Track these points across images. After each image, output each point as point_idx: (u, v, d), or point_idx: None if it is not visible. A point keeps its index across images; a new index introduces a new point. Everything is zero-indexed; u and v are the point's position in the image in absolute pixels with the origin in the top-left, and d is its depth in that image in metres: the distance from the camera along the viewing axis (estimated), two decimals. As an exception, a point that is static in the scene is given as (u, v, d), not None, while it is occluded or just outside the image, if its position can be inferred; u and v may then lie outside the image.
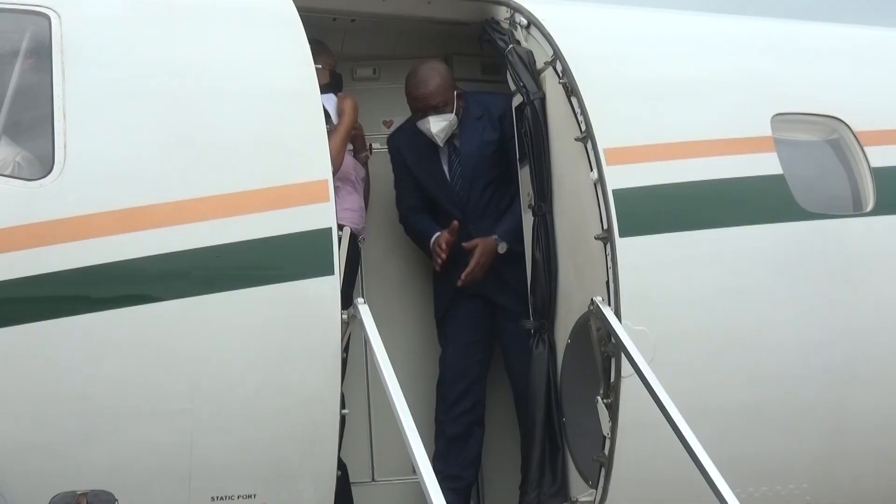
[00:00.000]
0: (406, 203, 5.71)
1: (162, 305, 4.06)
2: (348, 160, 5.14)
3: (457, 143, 5.52)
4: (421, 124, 5.41)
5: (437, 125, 5.38)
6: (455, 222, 5.31)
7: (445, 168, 5.56)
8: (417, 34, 5.43)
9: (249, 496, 4.16)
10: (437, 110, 5.37)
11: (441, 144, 5.47)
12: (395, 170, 5.72)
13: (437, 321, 5.66)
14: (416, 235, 5.68)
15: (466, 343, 5.51)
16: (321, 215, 4.28)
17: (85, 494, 3.33)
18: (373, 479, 5.26)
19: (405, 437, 3.98)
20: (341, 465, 4.39)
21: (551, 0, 5.56)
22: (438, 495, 3.81)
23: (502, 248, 5.34)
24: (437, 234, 5.42)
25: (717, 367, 4.77)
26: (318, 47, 5.26)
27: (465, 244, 5.33)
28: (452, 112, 5.40)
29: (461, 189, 5.53)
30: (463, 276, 5.30)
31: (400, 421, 4.02)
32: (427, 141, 5.47)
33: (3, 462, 3.84)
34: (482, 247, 5.33)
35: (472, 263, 5.30)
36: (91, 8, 4.47)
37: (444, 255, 5.32)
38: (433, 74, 5.39)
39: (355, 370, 4.87)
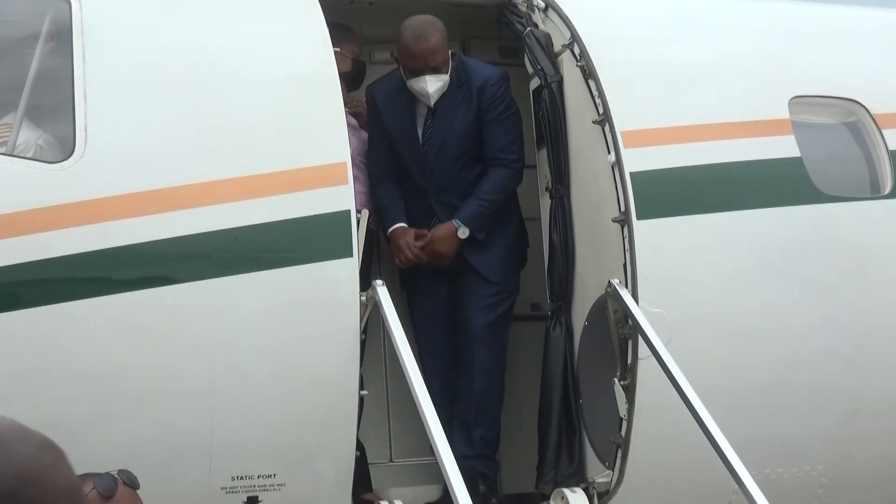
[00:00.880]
0: (375, 163, 5.19)
1: (181, 287, 4.08)
2: (356, 143, 5.11)
3: (437, 107, 5.11)
4: (415, 83, 4.99)
5: (434, 85, 4.97)
6: (425, 231, 5.01)
7: (419, 131, 5.15)
8: (439, 13, 5.37)
9: (269, 476, 4.17)
10: (435, 70, 4.97)
11: (431, 105, 5.06)
12: (369, 124, 5.28)
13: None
14: (379, 210, 5.12)
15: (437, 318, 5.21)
16: (340, 198, 4.30)
17: (100, 476, 3.31)
18: (391, 460, 5.26)
19: (423, 418, 4.00)
20: (360, 446, 4.39)
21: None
22: (457, 475, 3.84)
23: (463, 233, 4.99)
24: (399, 226, 5.04)
25: (734, 349, 4.75)
26: (344, 33, 5.25)
27: (417, 236, 5.00)
28: (448, 73, 5.02)
29: (430, 156, 5.13)
30: (399, 262, 5.03)
31: (418, 401, 4.06)
32: (406, 99, 5.11)
33: None
34: (433, 234, 5.00)
35: (415, 248, 4.97)
36: (114, -11, 4.47)
37: (409, 258, 4.97)
38: (433, 30, 4.98)
39: (373, 352, 4.86)
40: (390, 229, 5.03)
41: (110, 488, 2.77)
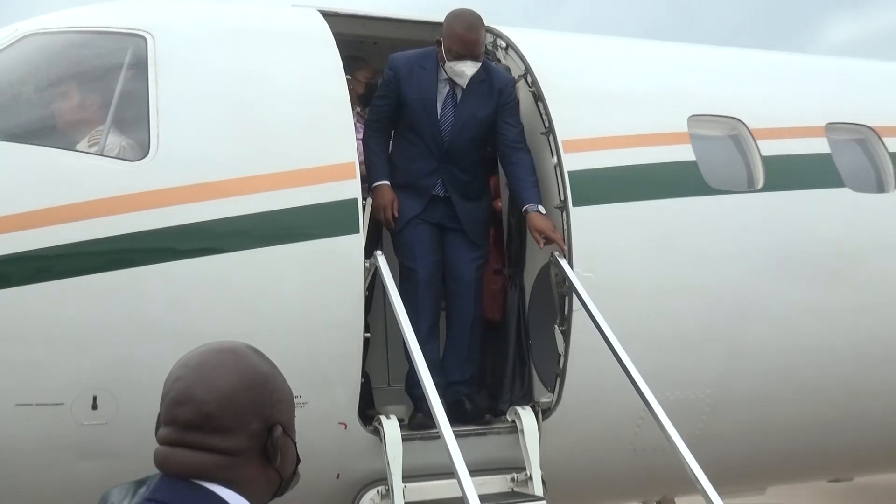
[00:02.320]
0: (376, 115, 4.80)
1: (230, 255, 4.06)
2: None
3: (458, 92, 4.72)
4: (455, 65, 4.59)
5: (472, 70, 4.59)
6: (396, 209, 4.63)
7: (439, 107, 4.71)
8: None
9: (297, 396, 4.06)
10: (475, 58, 4.61)
11: (464, 86, 4.66)
12: (382, 86, 4.83)
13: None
14: (366, 160, 4.68)
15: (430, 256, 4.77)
16: (349, 189, 4.28)
17: None
18: (388, 385, 5.30)
19: (411, 352, 4.05)
20: (365, 374, 4.38)
21: (524, 28, 5.53)
22: (433, 389, 3.93)
23: (542, 209, 4.60)
24: (383, 184, 4.62)
25: (643, 303, 4.76)
26: (361, 63, 5.23)
27: (533, 230, 4.57)
28: (481, 62, 4.67)
29: (445, 131, 4.71)
30: (378, 217, 4.60)
31: (407, 340, 4.09)
32: (430, 76, 4.69)
33: (117, 372, 3.85)
34: (539, 223, 4.55)
35: (551, 237, 4.52)
36: (177, 31, 4.44)
37: (387, 218, 4.61)
38: (481, 24, 4.66)
39: (376, 305, 4.88)
40: (375, 184, 4.63)
41: None
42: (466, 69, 4.61)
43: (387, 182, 4.66)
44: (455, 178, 4.77)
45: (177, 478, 1.72)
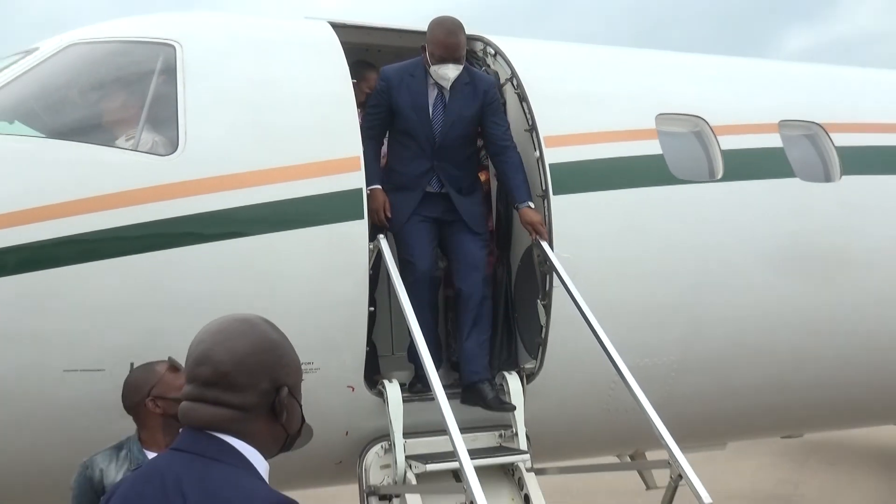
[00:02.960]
0: (369, 123, 4.57)
1: (250, 238, 4.05)
2: None
3: (445, 94, 4.55)
4: (439, 69, 4.44)
5: (454, 73, 4.45)
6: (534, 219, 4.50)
7: (430, 110, 4.55)
8: None
9: (310, 363, 4.09)
10: (457, 61, 4.45)
11: (448, 88, 4.51)
12: (374, 96, 4.66)
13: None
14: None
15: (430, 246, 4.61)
16: (355, 179, 4.27)
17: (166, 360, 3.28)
18: (392, 353, 5.30)
19: (409, 324, 4.06)
20: (370, 343, 4.39)
21: (511, 36, 5.50)
22: (428, 357, 3.94)
23: (531, 205, 4.55)
24: (376, 188, 4.43)
25: (616, 280, 4.77)
26: (370, 69, 5.18)
27: (525, 224, 4.53)
28: (462, 65, 4.51)
29: (437, 130, 4.55)
30: (373, 218, 4.39)
31: (405, 312, 4.10)
32: (419, 82, 4.54)
33: (150, 342, 3.80)
34: (530, 217, 4.51)
35: (539, 231, 4.49)
36: (203, 41, 4.43)
37: (381, 219, 4.42)
38: (460, 30, 4.48)
39: (383, 286, 4.85)
40: (369, 188, 4.39)
41: None
42: (449, 72, 4.46)
43: (378, 186, 4.48)
44: (449, 174, 4.62)
45: (197, 430, 1.78)
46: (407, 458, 4.15)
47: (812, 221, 5.39)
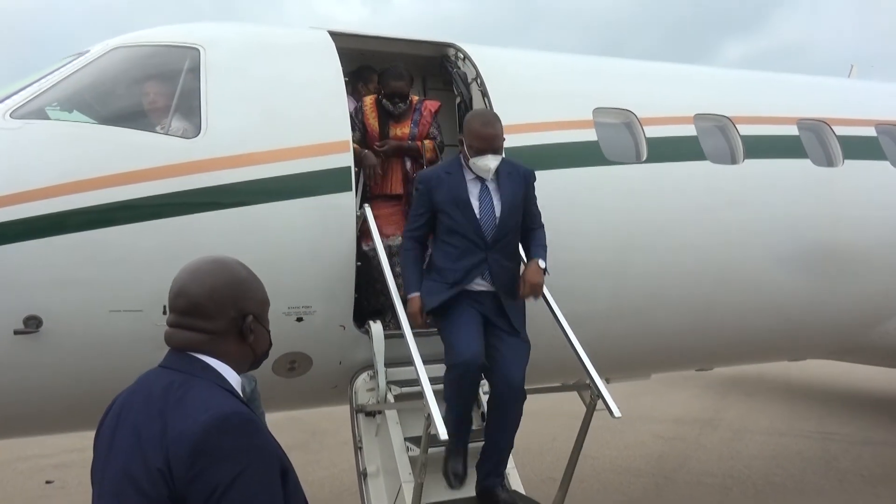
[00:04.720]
0: (412, 226, 3.95)
1: (256, 207, 4.06)
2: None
3: (489, 185, 3.84)
4: (479, 160, 3.75)
5: (495, 163, 3.77)
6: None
7: (475, 203, 3.80)
8: (410, 61, 5.38)
9: (308, 306, 4.20)
10: (496, 151, 3.78)
11: (489, 179, 3.81)
12: (416, 201, 3.95)
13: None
14: (403, 267, 3.99)
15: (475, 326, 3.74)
16: (345, 159, 4.29)
17: None
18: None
19: (386, 283, 4.07)
20: (358, 291, 4.41)
21: (480, 44, 5.49)
22: (398, 299, 3.89)
23: (543, 265, 3.85)
24: (415, 296, 3.83)
25: (557, 241, 4.53)
26: (372, 73, 5.14)
27: (525, 278, 3.81)
28: (502, 156, 3.84)
29: (486, 223, 3.79)
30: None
31: (384, 272, 4.11)
32: (457, 178, 3.82)
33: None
34: (534, 275, 3.80)
35: (535, 292, 3.80)
36: (223, 44, 4.44)
37: (418, 324, 3.83)
38: (496, 121, 3.83)
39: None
40: (409, 295, 3.85)
41: None
42: (489, 162, 3.75)
43: (417, 293, 3.80)
44: (501, 266, 3.79)
45: (178, 350, 1.85)
46: (388, 382, 4.20)
47: (719, 196, 5.45)
